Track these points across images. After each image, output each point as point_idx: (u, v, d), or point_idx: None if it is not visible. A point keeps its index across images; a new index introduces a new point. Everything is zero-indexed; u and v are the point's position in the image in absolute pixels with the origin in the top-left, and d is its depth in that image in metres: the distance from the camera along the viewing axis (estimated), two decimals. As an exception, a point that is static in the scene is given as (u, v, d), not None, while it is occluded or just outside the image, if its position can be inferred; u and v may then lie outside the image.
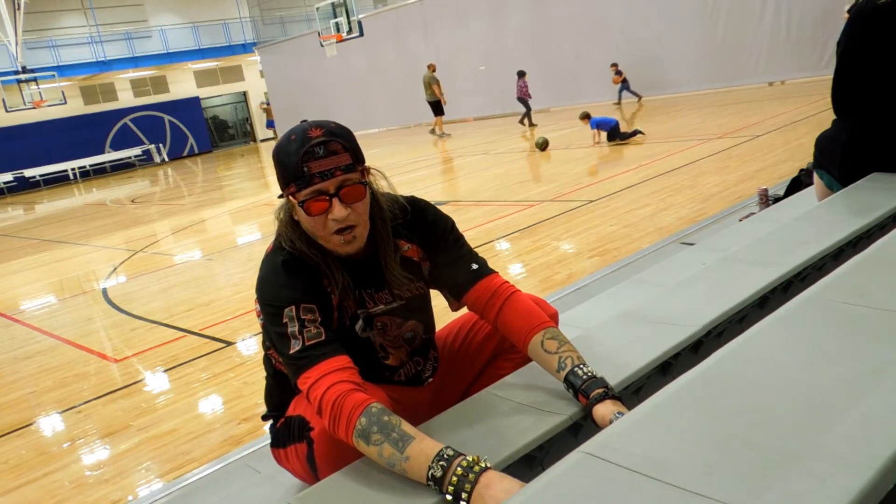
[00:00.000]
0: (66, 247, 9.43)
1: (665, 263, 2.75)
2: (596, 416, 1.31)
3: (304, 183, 1.38)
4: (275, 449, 1.62)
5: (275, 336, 1.40)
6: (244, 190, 13.58)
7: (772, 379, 1.21)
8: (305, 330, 1.36)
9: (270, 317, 1.40)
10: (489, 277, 1.56)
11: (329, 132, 1.39)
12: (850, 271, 1.60)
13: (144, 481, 2.69)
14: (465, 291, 1.55)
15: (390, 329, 1.56)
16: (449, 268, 1.57)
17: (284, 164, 1.41)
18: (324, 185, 1.38)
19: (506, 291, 1.54)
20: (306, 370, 1.34)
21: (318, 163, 1.37)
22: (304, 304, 1.38)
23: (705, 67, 13.48)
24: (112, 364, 4.22)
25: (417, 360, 1.64)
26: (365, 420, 1.26)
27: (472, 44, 17.53)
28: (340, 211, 1.38)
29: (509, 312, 1.51)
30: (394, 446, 1.22)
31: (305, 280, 1.42)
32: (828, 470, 0.93)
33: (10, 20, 18.12)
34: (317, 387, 1.32)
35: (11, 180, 21.79)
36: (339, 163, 1.38)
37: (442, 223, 1.60)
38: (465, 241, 1.62)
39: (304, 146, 1.37)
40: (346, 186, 1.39)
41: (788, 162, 6.02)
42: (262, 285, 1.46)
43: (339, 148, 1.39)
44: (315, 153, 1.37)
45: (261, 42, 25.47)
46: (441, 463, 1.17)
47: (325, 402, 1.30)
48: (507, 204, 6.92)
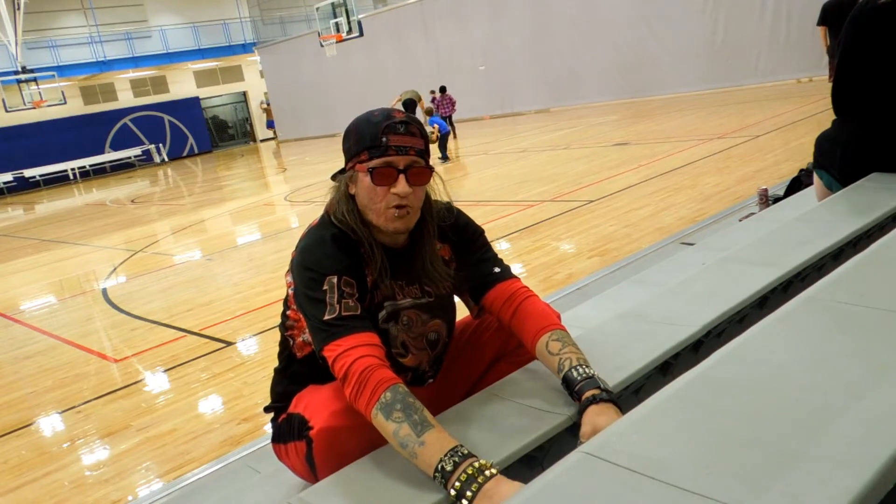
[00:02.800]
0: (66, 247, 9.43)
1: (665, 263, 2.75)
2: (582, 421, 1.31)
3: (378, 152, 1.43)
4: (275, 444, 1.62)
5: (308, 302, 1.41)
6: (244, 190, 13.58)
7: (772, 379, 1.21)
8: (343, 301, 1.39)
9: (309, 281, 1.42)
10: (509, 281, 1.60)
11: (410, 118, 1.47)
12: (850, 271, 1.59)
13: (144, 481, 2.69)
14: (485, 292, 1.59)
15: (415, 325, 1.58)
16: (473, 268, 1.62)
17: (362, 133, 1.46)
18: (396, 158, 1.43)
19: (522, 295, 1.57)
20: (338, 338, 1.36)
21: (398, 138, 1.44)
22: (346, 277, 1.42)
23: (705, 67, 13.48)
24: (112, 364, 4.22)
25: (434, 366, 1.66)
26: (391, 395, 1.27)
27: (472, 44, 17.54)
28: (405, 187, 1.43)
29: (522, 314, 1.54)
30: (413, 427, 1.23)
31: (350, 257, 1.46)
32: (828, 470, 0.93)
33: (10, 20, 18.12)
34: (346, 355, 1.33)
35: (11, 180, 21.80)
36: (415, 144, 1.46)
37: (474, 228, 1.67)
38: (492, 248, 1.67)
39: (386, 120, 1.44)
40: (415, 167, 1.45)
41: (788, 162, 6.02)
42: (307, 252, 1.47)
43: (417, 132, 1.47)
44: (396, 129, 1.44)
45: (261, 42, 25.48)
46: (454, 459, 1.17)
47: (352, 370, 1.31)
48: (507, 204, 6.92)
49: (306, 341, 1.56)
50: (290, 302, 1.56)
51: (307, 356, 1.57)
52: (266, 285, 5.34)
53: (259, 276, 5.70)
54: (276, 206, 10.58)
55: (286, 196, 11.18)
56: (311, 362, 1.54)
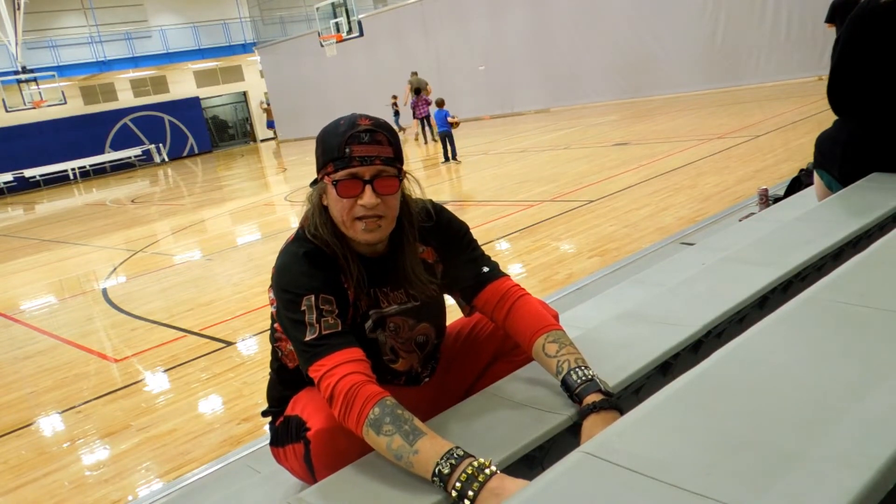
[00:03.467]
0: (66, 247, 9.43)
1: (665, 263, 2.74)
2: (582, 431, 1.30)
3: (342, 164, 1.41)
4: (274, 448, 1.62)
5: (289, 323, 1.40)
6: (244, 190, 13.58)
7: (772, 379, 1.21)
8: (323, 319, 1.37)
9: (287, 303, 1.40)
10: (500, 280, 1.58)
11: (377, 124, 1.44)
12: (850, 271, 1.59)
13: (144, 481, 2.69)
14: (477, 293, 1.58)
15: (403, 331, 1.57)
16: (461, 270, 1.60)
17: (327, 144, 1.44)
18: (361, 169, 1.41)
19: (515, 294, 1.56)
20: (321, 358, 1.34)
21: (361, 147, 1.40)
22: (324, 294, 1.40)
23: (705, 67, 13.48)
24: (112, 364, 4.22)
25: (427, 365, 1.65)
26: (378, 410, 1.26)
27: (472, 44, 17.54)
28: (371, 198, 1.40)
29: (516, 315, 1.53)
30: (404, 438, 1.22)
31: (325, 272, 1.44)
32: (828, 470, 0.93)
33: (10, 20, 18.11)
34: (330, 375, 1.32)
35: (11, 180, 21.80)
36: (380, 153, 1.42)
37: (457, 227, 1.64)
38: (478, 246, 1.65)
39: (350, 130, 1.41)
40: (382, 177, 1.42)
41: (788, 162, 6.02)
42: (282, 272, 1.46)
43: (384, 140, 1.43)
44: (360, 138, 1.41)
45: (261, 42, 25.48)
46: (450, 461, 1.17)
47: (338, 389, 1.30)
48: (507, 204, 6.92)
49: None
50: (274, 315, 1.55)
51: (298, 366, 1.56)
52: (266, 285, 5.26)
53: (259, 275, 5.69)
54: (276, 206, 10.58)
55: (286, 196, 11.18)
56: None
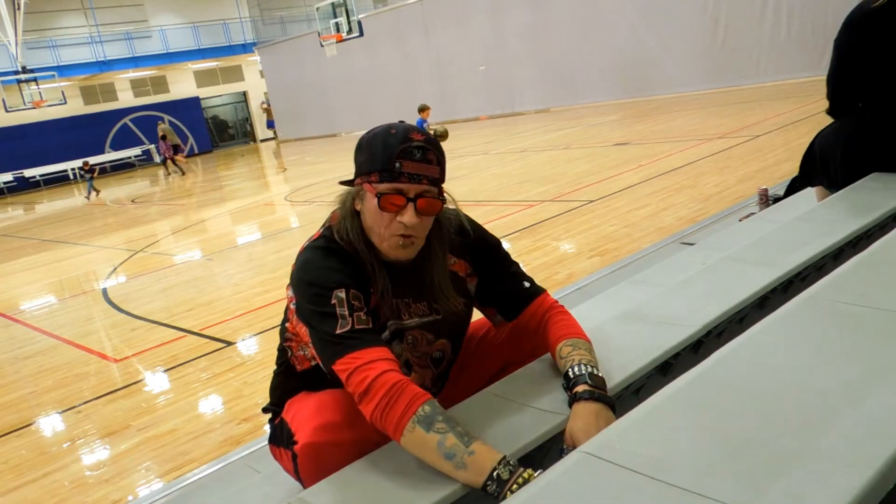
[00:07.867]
0: (66, 247, 9.43)
1: (665, 263, 2.74)
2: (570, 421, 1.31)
3: (389, 177, 1.37)
4: (272, 445, 1.62)
5: (316, 316, 1.35)
6: (244, 190, 13.58)
7: (772, 379, 1.21)
8: (355, 314, 1.33)
9: (314, 297, 1.36)
10: (542, 297, 1.58)
11: (429, 141, 1.40)
12: (850, 271, 1.59)
13: (144, 481, 2.69)
14: (520, 311, 1.57)
15: (420, 345, 1.54)
16: (501, 285, 1.58)
17: (376, 152, 1.39)
18: (407, 186, 1.37)
19: (557, 310, 1.56)
20: (354, 351, 1.30)
21: (413, 164, 1.37)
22: (354, 290, 1.37)
23: (705, 67, 13.48)
24: (112, 364, 4.22)
25: (438, 383, 1.63)
26: (430, 409, 1.24)
27: (472, 44, 17.53)
28: (412, 217, 1.38)
29: (554, 326, 1.53)
30: (459, 438, 1.20)
31: (354, 271, 1.41)
32: (828, 470, 0.93)
33: (10, 20, 18.12)
34: (368, 368, 1.28)
35: (11, 180, 21.80)
36: (429, 172, 1.39)
37: (492, 241, 1.62)
38: (512, 259, 1.64)
39: (404, 143, 1.37)
40: (426, 197, 1.39)
41: (788, 162, 6.02)
42: (308, 267, 1.42)
43: (434, 159, 1.40)
44: (412, 154, 1.37)
45: (261, 42, 25.47)
46: (508, 468, 1.16)
47: (378, 383, 1.26)
48: (507, 204, 6.92)
49: (306, 356, 1.52)
50: (289, 315, 1.51)
51: (306, 370, 1.54)
52: (266, 285, 5.34)
53: (259, 275, 5.70)
54: (276, 206, 10.58)
55: (286, 196, 11.18)
56: (309, 376, 1.52)
